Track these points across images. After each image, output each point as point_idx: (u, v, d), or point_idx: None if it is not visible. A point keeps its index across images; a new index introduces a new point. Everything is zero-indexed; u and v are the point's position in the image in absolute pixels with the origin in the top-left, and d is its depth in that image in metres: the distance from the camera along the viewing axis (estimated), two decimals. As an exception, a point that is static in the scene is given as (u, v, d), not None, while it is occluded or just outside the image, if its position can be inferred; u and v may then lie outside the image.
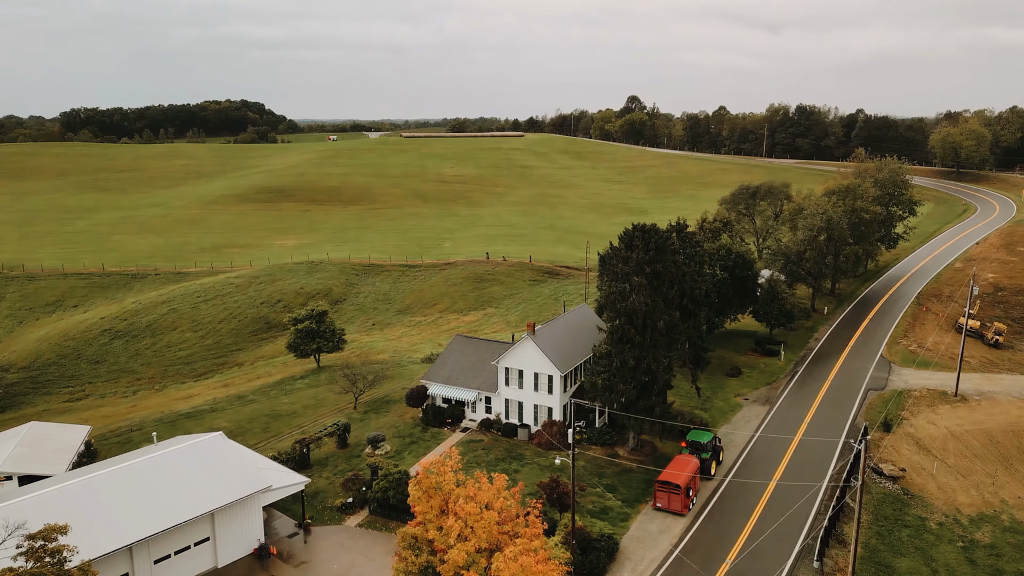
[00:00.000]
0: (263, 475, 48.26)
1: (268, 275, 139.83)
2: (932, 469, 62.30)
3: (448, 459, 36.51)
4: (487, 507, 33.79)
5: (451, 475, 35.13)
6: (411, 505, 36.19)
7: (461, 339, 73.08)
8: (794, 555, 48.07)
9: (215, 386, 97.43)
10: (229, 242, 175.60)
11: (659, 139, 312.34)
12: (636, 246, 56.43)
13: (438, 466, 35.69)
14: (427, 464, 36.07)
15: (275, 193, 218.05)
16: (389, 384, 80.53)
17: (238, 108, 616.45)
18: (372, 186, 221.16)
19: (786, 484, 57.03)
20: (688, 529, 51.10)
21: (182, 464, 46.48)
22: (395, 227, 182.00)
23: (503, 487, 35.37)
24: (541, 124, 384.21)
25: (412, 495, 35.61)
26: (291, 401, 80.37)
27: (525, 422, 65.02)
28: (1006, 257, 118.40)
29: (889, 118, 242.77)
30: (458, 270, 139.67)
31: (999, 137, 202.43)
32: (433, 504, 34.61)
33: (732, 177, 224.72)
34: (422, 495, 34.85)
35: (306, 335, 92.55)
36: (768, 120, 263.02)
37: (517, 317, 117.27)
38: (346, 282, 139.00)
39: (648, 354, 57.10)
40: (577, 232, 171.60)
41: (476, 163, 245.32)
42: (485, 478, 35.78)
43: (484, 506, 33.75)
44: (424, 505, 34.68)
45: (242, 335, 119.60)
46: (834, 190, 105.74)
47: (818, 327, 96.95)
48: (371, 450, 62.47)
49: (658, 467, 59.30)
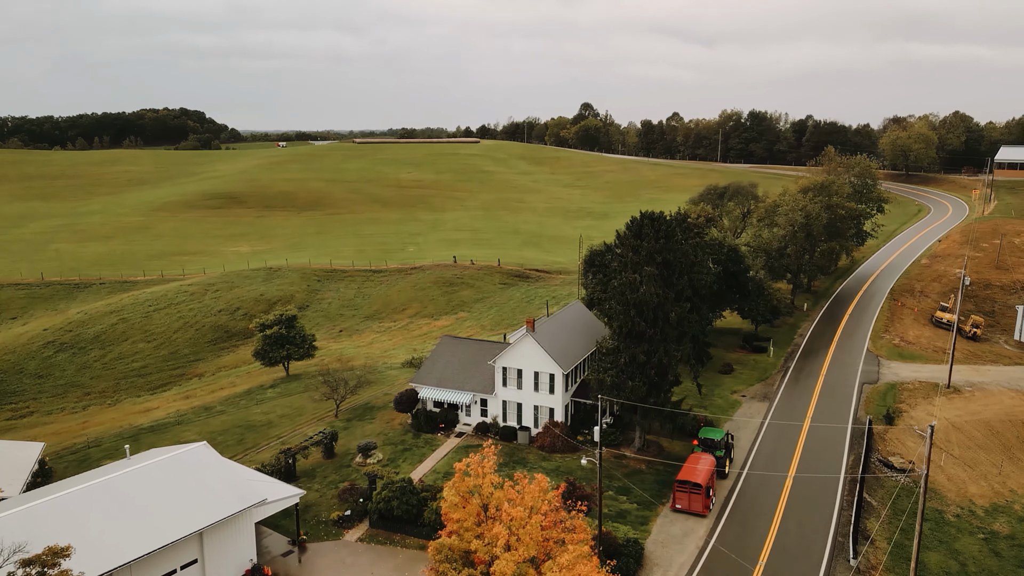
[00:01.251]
0: (256, 488, 43.56)
1: (224, 282, 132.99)
2: (940, 461, 61.23)
3: (485, 459, 32.81)
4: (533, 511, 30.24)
5: (491, 477, 31.46)
6: (443, 513, 32.32)
7: (450, 340, 69.26)
8: (827, 554, 45.81)
9: (175, 398, 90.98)
10: (178, 249, 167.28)
11: (613, 146, 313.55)
12: (646, 234, 53.76)
13: (475, 467, 31.98)
14: (462, 465, 32.30)
15: (225, 199, 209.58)
16: (370, 390, 76.01)
17: (177, 116, 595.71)
18: (328, 191, 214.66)
19: (802, 481, 55.00)
20: (712, 531, 48.39)
21: (165, 479, 41.47)
22: (355, 232, 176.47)
23: (547, 488, 31.90)
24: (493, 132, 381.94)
25: (448, 500, 31.74)
26: (264, 411, 75.04)
27: (525, 424, 61.56)
28: (971, 253, 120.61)
29: (838, 123, 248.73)
30: (426, 274, 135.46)
31: (944, 141, 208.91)
32: (471, 510, 30.87)
33: (690, 181, 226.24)
34: (459, 500, 31.05)
35: (275, 341, 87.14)
36: (721, 126, 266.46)
37: (491, 320, 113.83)
38: (308, 288, 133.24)
39: (659, 348, 54.43)
40: (542, 236, 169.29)
41: (434, 168, 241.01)
42: (526, 479, 32.21)
43: (530, 510, 30.18)
44: (461, 512, 30.89)
45: (200, 345, 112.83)
46: (809, 187, 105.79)
47: (800, 323, 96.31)
48: (362, 459, 58.05)
49: (668, 467, 56.66)
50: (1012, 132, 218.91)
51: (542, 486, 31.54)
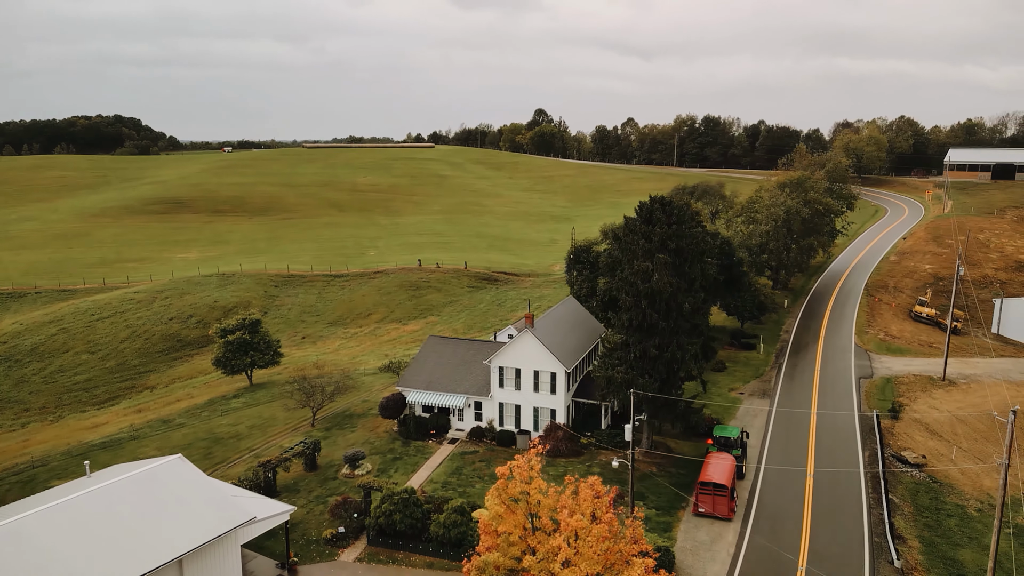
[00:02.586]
0: (242, 505, 38.17)
1: (174, 289, 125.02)
2: (951, 454, 59.47)
3: (531, 460, 28.49)
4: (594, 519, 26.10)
5: (540, 481, 27.19)
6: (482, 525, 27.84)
7: (437, 340, 64.59)
8: (867, 556, 42.85)
9: (126, 412, 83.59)
10: (121, 256, 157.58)
11: (569, 151, 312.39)
12: (657, 219, 50.33)
13: (522, 470, 27.64)
14: (506, 470, 27.92)
15: (170, 204, 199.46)
16: (346, 397, 70.63)
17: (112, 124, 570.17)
18: (281, 196, 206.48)
19: (822, 479, 52.21)
20: (741, 535, 44.96)
21: (136, 498, 35.80)
22: (311, 237, 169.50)
23: (602, 492, 27.80)
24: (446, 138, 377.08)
25: (491, 510, 27.28)
26: (231, 422, 68.88)
27: (524, 428, 57.32)
28: (937, 249, 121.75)
29: (789, 128, 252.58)
30: (390, 278, 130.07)
31: (893, 144, 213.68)
32: (517, 520, 26.53)
33: (648, 185, 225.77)
34: (504, 510, 26.63)
35: (238, 348, 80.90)
36: (676, 130, 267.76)
37: (463, 324, 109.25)
38: (265, 294, 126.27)
39: (672, 341, 50.96)
40: (507, 239, 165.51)
41: (390, 172, 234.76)
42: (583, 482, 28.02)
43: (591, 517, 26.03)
44: (508, 522, 26.50)
45: (151, 355, 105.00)
46: (786, 182, 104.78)
47: (784, 320, 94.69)
48: (350, 470, 52.89)
49: (680, 469, 53.24)
50: (957, 135, 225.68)
51: (596, 489, 27.44)
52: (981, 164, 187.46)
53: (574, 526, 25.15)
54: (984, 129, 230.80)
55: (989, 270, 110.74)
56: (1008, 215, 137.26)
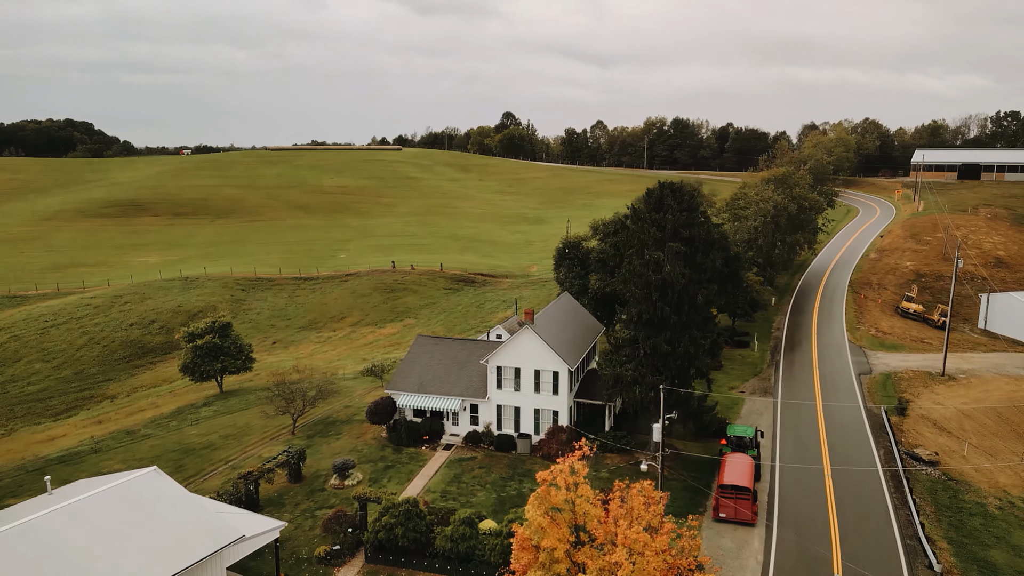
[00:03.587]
0: (229, 522, 33.94)
1: (134, 294, 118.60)
2: (962, 451, 57.59)
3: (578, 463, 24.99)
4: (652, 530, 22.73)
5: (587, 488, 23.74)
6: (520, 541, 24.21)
7: (426, 339, 60.77)
8: (904, 562, 40.29)
9: (86, 424, 77.81)
10: (76, 261, 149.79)
11: (538, 154, 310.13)
12: (668, 206, 47.36)
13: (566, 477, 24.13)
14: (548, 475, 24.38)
15: (128, 207, 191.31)
16: (327, 403, 66.25)
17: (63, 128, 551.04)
18: (244, 198, 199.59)
19: (840, 479, 49.74)
20: (767, 542, 42.06)
21: (109, 517, 31.39)
22: (277, 239, 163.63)
23: (656, 498, 24.45)
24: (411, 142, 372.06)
25: (532, 523, 23.69)
26: (203, 432, 63.98)
27: (524, 431, 53.79)
28: (916, 246, 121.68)
29: (758, 131, 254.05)
30: (363, 281, 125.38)
31: (860, 145, 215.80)
32: (562, 533, 23.03)
33: (621, 187, 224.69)
34: (547, 522, 23.08)
35: (207, 353, 75.94)
36: (646, 132, 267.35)
37: (442, 326, 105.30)
38: (232, 298, 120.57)
39: (684, 336, 48.02)
40: (482, 241, 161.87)
41: (357, 174, 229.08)
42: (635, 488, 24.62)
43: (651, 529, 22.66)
44: (552, 536, 22.97)
45: (111, 363, 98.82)
46: (770, 178, 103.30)
47: (773, 317, 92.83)
48: (339, 480, 48.75)
49: (692, 472, 50.27)
50: (922, 137, 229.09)
51: (649, 495, 24.07)
52: (948, 164, 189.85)
53: (632, 538, 21.81)
54: (948, 131, 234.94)
55: (970, 267, 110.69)
56: (982, 212, 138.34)
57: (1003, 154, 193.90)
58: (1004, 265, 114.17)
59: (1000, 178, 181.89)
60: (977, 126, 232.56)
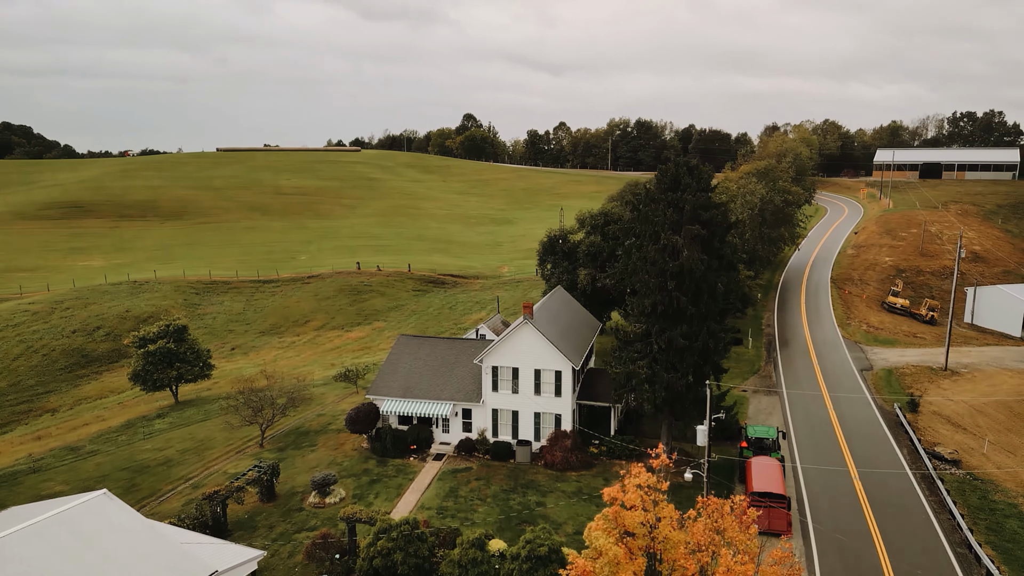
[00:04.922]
0: (197, 556, 28.07)
1: (77, 299, 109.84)
2: (982, 448, 54.58)
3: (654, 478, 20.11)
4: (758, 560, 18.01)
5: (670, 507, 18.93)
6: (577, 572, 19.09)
7: (410, 339, 55.27)
8: (959, 571, 36.44)
9: (23, 440, 69.97)
10: (11, 265, 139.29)
11: (500, 156, 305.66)
12: (686, 185, 42.96)
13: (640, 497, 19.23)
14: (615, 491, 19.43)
15: (69, 209, 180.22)
16: (298, 412, 60.18)
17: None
18: (195, 199, 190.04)
19: (868, 482, 45.94)
20: (809, 556, 37.80)
21: (47, 554, 25.30)
22: (233, 241, 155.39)
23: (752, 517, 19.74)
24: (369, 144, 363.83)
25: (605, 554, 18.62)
26: (157, 447, 57.28)
27: (523, 438, 48.73)
28: (892, 242, 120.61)
29: (720, 132, 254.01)
30: (327, 283, 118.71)
31: (822, 146, 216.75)
32: (638, 566, 18.14)
33: (586, 188, 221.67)
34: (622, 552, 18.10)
35: (161, 359, 68.99)
36: (610, 134, 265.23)
37: (414, 329, 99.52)
38: (185, 302, 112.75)
39: (703, 328, 43.67)
40: (449, 242, 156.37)
41: (316, 175, 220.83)
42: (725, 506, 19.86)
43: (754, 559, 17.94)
44: (627, 570, 18.05)
45: (51, 373, 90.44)
46: (752, 171, 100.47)
47: (762, 314, 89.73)
48: (319, 498, 42.95)
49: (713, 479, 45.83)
50: (882, 137, 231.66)
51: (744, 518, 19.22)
52: (909, 164, 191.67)
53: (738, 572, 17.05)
54: (906, 131, 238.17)
55: (947, 261, 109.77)
56: (952, 208, 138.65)
57: (963, 153, 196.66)
58: (981, 260, 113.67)
59: (961, 176, 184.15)
60: (934, 127, 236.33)
